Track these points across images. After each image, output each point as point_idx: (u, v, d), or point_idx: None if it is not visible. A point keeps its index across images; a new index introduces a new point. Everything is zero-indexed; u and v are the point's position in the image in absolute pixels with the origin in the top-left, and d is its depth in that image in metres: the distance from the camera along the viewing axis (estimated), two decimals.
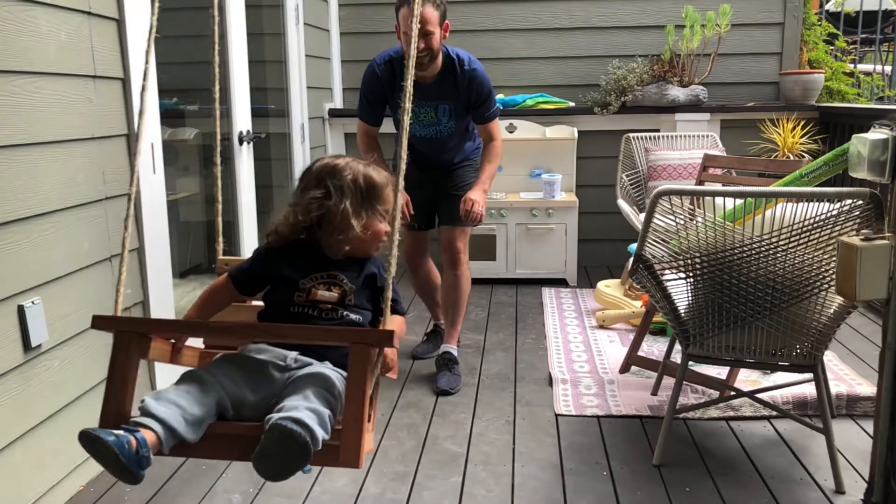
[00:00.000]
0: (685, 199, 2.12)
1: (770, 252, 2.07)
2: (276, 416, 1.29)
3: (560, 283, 4.46)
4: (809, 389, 2.65)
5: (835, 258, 1.94)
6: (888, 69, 6.05)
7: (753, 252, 2.08)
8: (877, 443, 2.00)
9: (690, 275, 2.21)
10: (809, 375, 2.27)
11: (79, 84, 2.21)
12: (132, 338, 1.42)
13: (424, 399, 2.87)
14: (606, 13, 4.80)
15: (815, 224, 2.01)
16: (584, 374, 3.03)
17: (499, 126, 3.04)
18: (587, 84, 4.80)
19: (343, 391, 1.40)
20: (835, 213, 2.00)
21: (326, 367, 1.48)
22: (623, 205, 4.06)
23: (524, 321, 3.81)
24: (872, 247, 1.82)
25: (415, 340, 3.48)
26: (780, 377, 2.82)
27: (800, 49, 4.77)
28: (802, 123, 4.37)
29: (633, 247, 2.36)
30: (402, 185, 1.47)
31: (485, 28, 4.85)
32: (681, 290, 2.26)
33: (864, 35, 5.82)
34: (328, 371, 1.47)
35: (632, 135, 4.34)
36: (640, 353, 2.99)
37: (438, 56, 2.83)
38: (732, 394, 2.63)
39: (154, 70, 2.58)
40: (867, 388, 2.75)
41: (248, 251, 3.34)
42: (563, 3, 4.81)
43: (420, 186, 3.00)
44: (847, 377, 2.91)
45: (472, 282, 3.20)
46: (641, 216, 3.18)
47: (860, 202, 1.97)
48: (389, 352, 1.44)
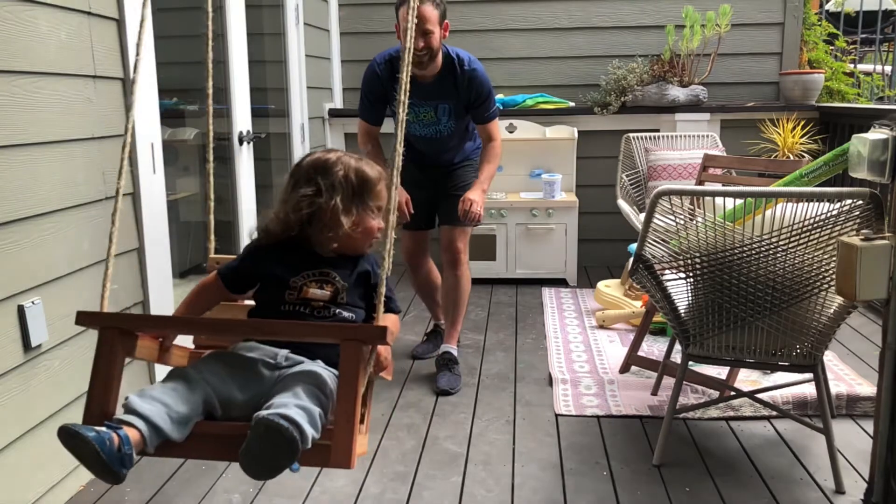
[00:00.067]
0: (685, 199, 2.12)
1: (770, 252, 2.07)
2: (264, 412, 1.25)
3: (560, 283, 4.46)
4: (809, 389, 2.65)
5: (835, 258, 1.94)
6: (888, 69, 6.05)
7: (753, 252, 2.08)
8: (877, 443, 2.00)
9: (690, 275, 2.21)
10: (809, 375, 2.27)
11: (79, 84, 2.21)
12: (117, 334, 1.38)
13: (424, 399, 2.87)
14: (606, 13, 4.80)
15: (815, 224, 2.01)
16: (584, 374, 3.03)
17: (498, 126, 3.04)
18: (587, 84, 4.80)
19: (335, 390, 1.36)
20: (835, 213, 2.00)
21: (318, 366, 1.45)
22: (623, 205, 4.06)
23: (524, 321, 3.81)
24: (872, 247, 1.82)
25: (415, 340, 3.48)
26: (780, 377, 2.82)
27: (800, 49, 4.77)
28: (802, 123, 4.37)
29: (633, 247, 2.36)
30: (399, 180, 1.43)
31: (485, 28, 4.85)
32: (681, 290, 2.26)
33: (864, 35, 5.82)
34: (320, 369, 1.43)
35: (632, 135, 4.34)
36: (640, 353, 2.99)
37: (438, 55, 2.83)
38: (732, 394, 2.63)
39: (155, 69, 2.59)
40: (867, 388, 2.75)
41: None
42: (563, 3, 4.81)
43: (420, 186, 3.01)
44: (847, 377, 2.91)
45: (472, 282, 3.20)
46: (641, 216, 3.18)
47: (860, 202, 1.97)
48: (383, 349, 1.40)
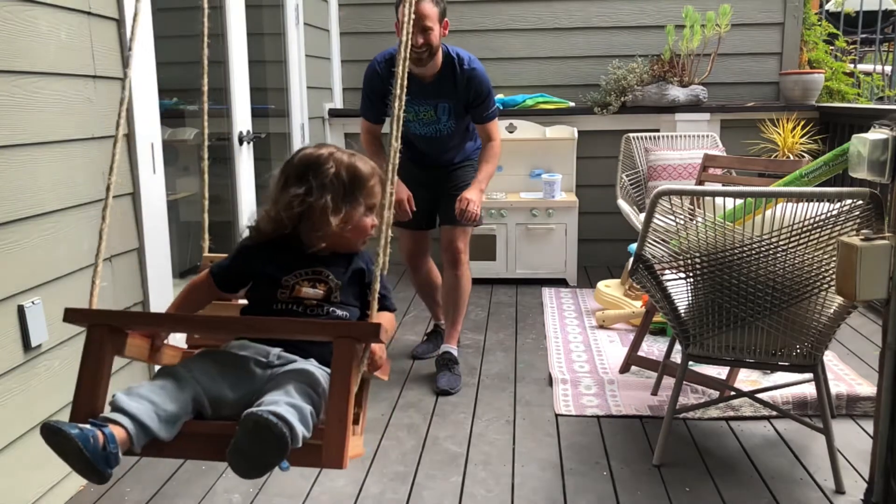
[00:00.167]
0: (685, 199, 2.12)
1: (770, 252, 2.07)
2: (253, 409, 1.23)
3: (560, 283, 4.46)
4: (809, 389, 2.65)
5: (835, 258, 1.94)
6: (888, 69, 6.05)
7: (753, 252, 2.08)
8: (877, 443, 2.00)
9: (690, 275, 2.21)
10: (809, 375, 2.27)
11: (79, 84, 2.21)
12: (106, 332, 1.35)
13: (424, 399, 2.87)
14: (606, 13, 4.80)
15: (815, 224, 2.01)
16: (584, 374, 3.03)
17: (498, 126, 3.04)
18: (587, 84, 4.80)
19: (328, 389, 1.32)
20: (835, 213, 2.00)
21: (311, 365, 1.42)
22: (623, 205, 4.06)
23: (524, 321, 3.81)
24: (872, 247, 1.82)
25: (415, 340, 3.48)
26: (780, 377, 2.82)
27: (800, 49, 4.77)
28: (802, 123, 4.36)
29: (633, 247, 2.36)
30: (396, 177, 1.40)
31: (485, 28, 4.85)
32: (681, 290, 2.26)
33: (864, 35, 5.82)
34: (312, 368, 1.40)
35: (632, 135, 4.34)
36: (640, 353, 2.99)
37: (438, 53, 2.83)
38: (732, 394, 2.63)
39: (155, 69, 2.59)
40: (867, 388, 2.75)
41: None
42: (563, 3, 4.81)
43: (421, 186, 3.01)
44: (847, 377, 2.91)
45: (472, 282, 3.20)
46: (641, 216, 3.18)
47: (860, 202, 1.97)
48: (377, 348, 1.38)
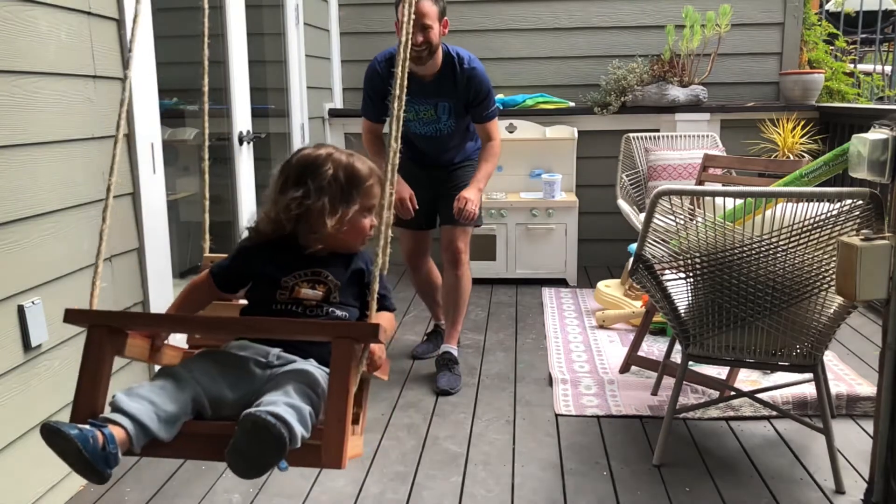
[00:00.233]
0: (685, 199, 2.12)
1: (770, 252, 2.07)
2: (252, 410, 1.23)
3: (560, 283, 4.46)
4: (809, 389, 2.65)
5: (835, 258, 1.94)
6: (888, 69, 6.05)
7: (753, 252, 2.08)
8: (877, 443, 2.00)
9: (690, 275, 2.21)
10: (809, 375, 2.27)
11: (79, 84, 2.21)
12: (106, 332, 1.35)
13: (424, 399, 2.87)
14: (606, 13, 4.80)
15: (815, 224, 2.01)
16: (584, 374, 3.03)
17: (497, 126, 3.04)
18: (587, 84, 4.80)
19: (327, 389, 1.32)
20: (835, 213, 2.00)
21: (310, 365, 1.42)
22: (623, 205, 4.06)
23: (524, 321, 3.81)
24: (872, 247, 1.82)
25: (415, 340, 3.48)
26: (780, 377, 2.82)
27: (800, 49, 4.77)
28: (802, 123, 4.36)
29: (633, 247, 2.36)
30: (396, 177, 1.40)
31: (485, 28, 4.85)
32: (681, 290, 2.26)
33: (864, 35, 5.82)
34: (312, 368, 1.41)
35: (632, 135, 4.34)
36: (640, 353, 2.99)
37: (438, 52, 2.83)
38: (732, 394, 2.63)
39: (155, 69, 2.59)
40: (867, 388, 2.75)
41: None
42: (563, 3, 4.81)
43: (421, 185, 3.01)
44: (847, 377, 2.91)
45: (473, 282, 3.20)
46: (641, 216, 3.18)
47: (860, 202, 1.97)
48: (376, 348, 1.38)
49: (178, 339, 1.69)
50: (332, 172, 1.52)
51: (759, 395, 2.50)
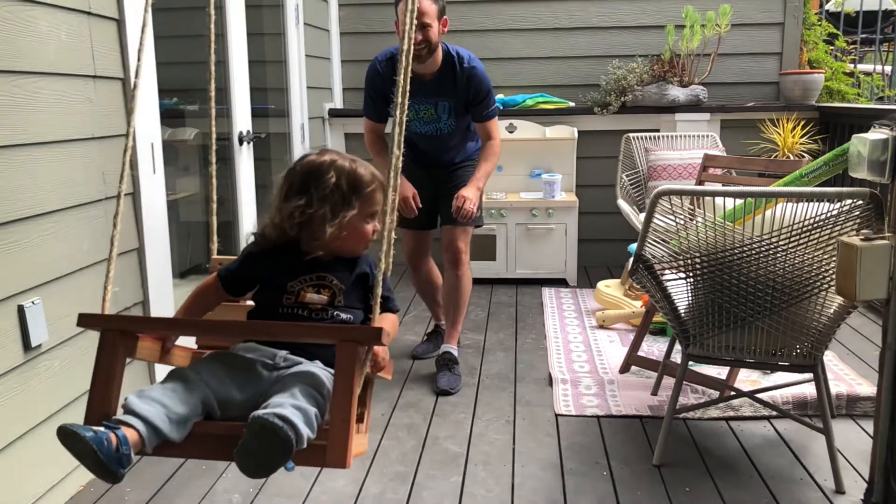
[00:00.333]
0: (685, 199, 2.12)
1: (770, 252, 2.07)
2: (260, 412, 1.27)
3: (560, 283, 4.46)
4: (809, 389, 2.65)
5: (835, 258, 1.94)
6: (888, 69, 6.05)
7: (753, 252, 2.08)
8: (877, 443, 2.00)
9: (690, 275, 2.21)
10: (809, 375, 2.27)
11: (79, 84, 2.21)
12: (118, 336, 1.39)
13: (424, 399, 2.87)
14: (606, 13, 4.80)
15: (815, 224, 2.01)
16: (584, 374, 3.03)
17: (497, 126, 3.04)
18: (587, 84, 4.80)
19: (332, 390, 1.36)
20: (835, 213, 2.00)
21: (316, 367, 1.46)
22: (623, 205, 4.06)
23: (524, 321, 3.81)
24: (872, 247, 1.82)
25: (415, 340, 3.48)
26: (780, 377, 2.82)
27: (800, 49, 4.77)
28: (802, 123, 4.36)
29: (633, 247, 2.36)
30: (399, 181, 1.43)
31: (485, 28, 4.85)
32: (681, 290, 2.26)
33: (864, 35, 5.82)
34: (317, 370, 1.44)
35: (632, 135, 4.34)
36: (640, 353, 2.99)
37: (437, 50, 2.84)
38: (732, 394, 2.63)
39: (155, 69, 2.59)
40: (867, 388, 2.75)
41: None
42: (563, 3, 4.81)
43: (422, 185, 3.01)
44: (847, 377, 2.91)
45: (473, 282, 3.20)
46: (641, 216, 3.18)
47: (860, 202, 1.97)
48: (380, 350, 1.41)
49: (188, 340, 1.71)
50: (335, 181, 1.53)
51: (759, 395, 2.50)
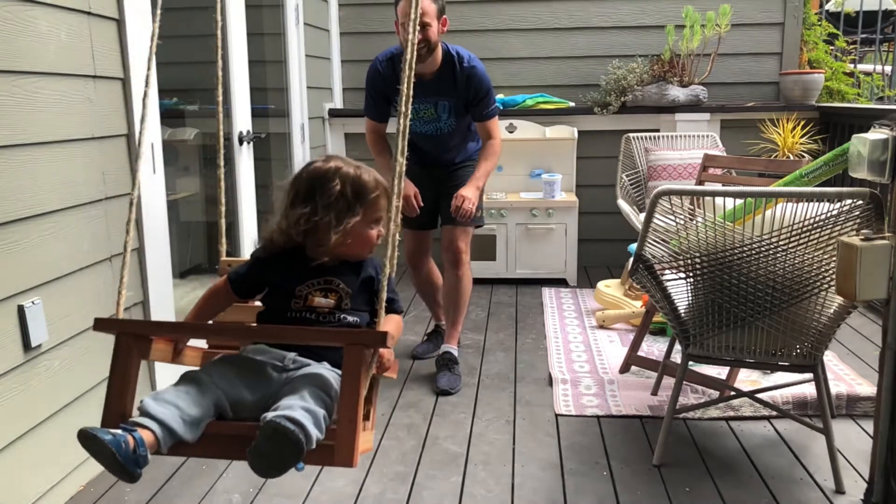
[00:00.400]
0: (685, 199, 2.12)
1: (770, 252, 2.07)
2: (271, 415, 1.31)
3: (560, 283, 4.46)
4: (809, 389, 2.65)
5: (835, 258, 1.94)
6: (888, 69, 6.05)
7: (753, 252, 2.08)
8: (877, 443, 2.00)
9: (690, 275, 2.21)
10: (809, 375, 2.27)
11: (79, 84, 2.21)
12: (132, 339, 1.43)
13: (424, 399, 2.87)
14: (606, 13, 4.80)
15: (815, 224, 2.01)
16: (584, 374, 3.03)
17: (498, 125, 3.04)
18: (587, 84, 4.80)
19: (339, 391, 1.41)
20: (835, 213, 2.00)
21: (324, 368, 1.50)
22: (623, 205, 4.06)
23: (524, 321, 3.81)
24: (872, 247, 1.82)
25: (415, 340, 3.48)
26: (780, 377, 2.82)
27: (800, 49, 4.77)
28: (802, 123, 4.36)
29: (633, 247, 2.36)
30: (401, 187, 1.45)
31: (485, 28, 4.85)
32: (681, 290, 2.26)
33: (864, 35, 5.82)
34: (325, 372, 1.48)
35: (632, 135, 4.34)
36: (640, 353, 2.99)
37: (437, 50, 2.84)
38: (732, 394, 2.63)
39: (155, 69, 2.58)
40: (867, 388, 2.75)
41: (248, 251, 3.34)
42: (563, 3, 4.81)
43: (422, 185, 3.01)
44: (847, 377, 2.91)
45: (473, 282, 3.20)
46: (641, 216, 3.18)
47: (860, 202, 1.97)
48: (385, 352, 1.46)
49: (199, 341, 1.75)
50: (340, 188, 1.56)
51: (759, 395, 2.50)
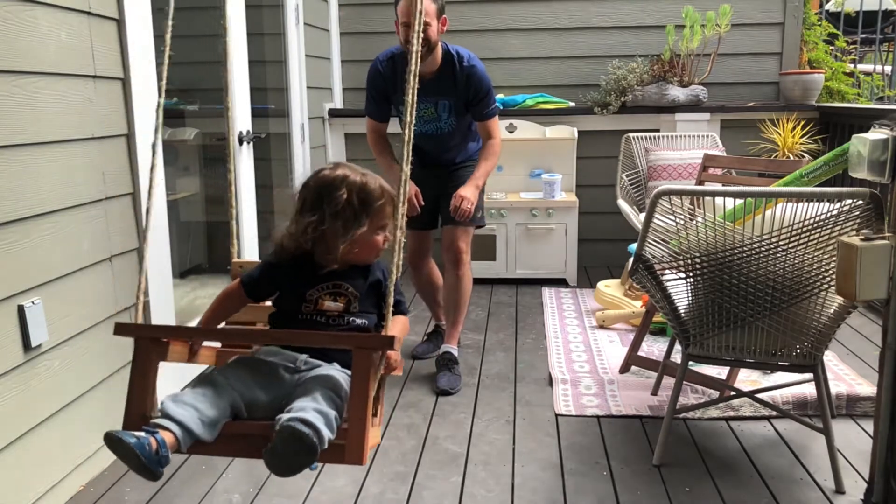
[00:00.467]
0: (685, 199, 2.12)
1: (770, 252, 2.07)
2: (286, 417, 1.37)
3: (560, 283, 4.46)
4: (809, 389, 2.65)
5: (835, 258, 1.94)
6: (888, 69, 6.05)
7: (753, 252, 2.08)
8: (877, 443, 2.00)
9: (690, 275, 2.21)
10: (809, 375, 2.27)
11: (79, 84, 2.21)
12: (151, 343, 1.51)
13: (424, 399, 2.87)
14: (606, 13, 4.80)
15: (815, 224, 2.01)
16: (584, 374, 3.03)
17: (498, 125, 3.05)
18: (587, 84, 4.80)
19: (349, 391, 1.47)
20: (835, 213, 2.00)
21: (334, 369, 1.55)
22: (623, 205, 4.06)
23: (524, 321, 3.81)
24: (872, 247, 1.82)
25: (415, 340, 3.48)
26: (780, 377, 2.82)
27: (800, 49, 4.77)
28: (802, 123, 4.37)
29: (633, 247, 2.36)
30: (408, 175, 1.49)
31: (485, 28, 4.85)
32: (681, 290, 2.26)
33: (864, 35, 5.82)
34: (335, 373, 1.54)
35: (632, 135, 4.34)
36: (640, 353, 2.99)
37: (437, 49, 2.84)
38: (732, 394, 2.63)
39: (155, 69, 2.59)
40: (867, 388, 2.75)
41: (248, 251, 3.34)
42: (563, 3, 4.81)
43: (423, 185, 3.01)
44: (847, 377, 2.91)
45: (473, 282, 3.19)
46: (641, 216, 3.18)
47: (860, 202, 1.97)
48: (392, 354, 1.51)
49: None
50: (346, 197, 1.61)
51: (759, 395, 2.50)
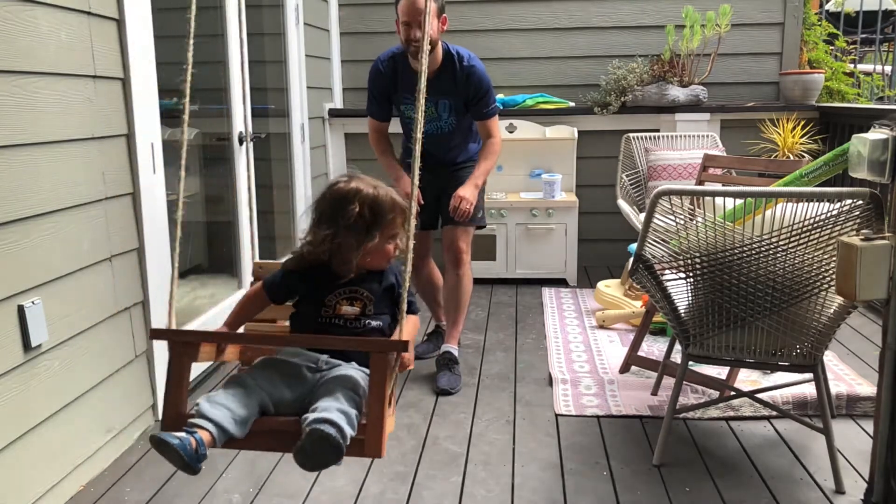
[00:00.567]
0: (685, 199, 2.12)
1: (770, 252, 2.07)
2: (312, 417, 1.49)
3: (560, 283, 4.46)
4: (809, 389, 2.65)
5: (835, 258, 1.94)
6: (888, 69, 6.05)
7: (753, 252, 2.08)
8: (877, 443, 2.00)
9: (690, 275, 2.21)
10: (809, 375, 2.27)
11: (79, 84, 2.21)
12: (183, 346, 1.62)
13: (424, 399, 2.87)
14: (606, 13, 4.80)
15: (815, 224, 2.01)
16: (584, 374, 3.03)
17: (498, 124, 3.05)
18: (587, 84, 4.80)
19: (367, 388, 1.59)
20: (835, 213, 2.00)
21: (352, 369, 1.68)
22: (623, 205, 4.06)
23: (524, 321, 3.81)
24: (872, 247, 1.82)
25: (416, 341, 3.48)
26: (780, 377, 2.82)
27: (800, 49, 4.77)
28: (802, 123, 4.37)
29: (633, 247, 2.36)
30: (414, 203, 1.55)
31: (485, 28, 4.85)
32: (681, 290, 2.26)
33: (864, 35, 5.82)
34: (354, 372, 1.66)
35: (632, 135, 4.34)
36: (640, 353, 2.99)
37: (437, 49, 2.85)
38: (732, 394, 2.63)
39: (155, 69, 2.59)
40: (867, 388, 2.75)
41: (248, 251, 3.34)
42: (563, 3, 4.81)
43: (423, 185, 3.00)
44: (847, 377, 2.91)
45: (473, 282, 3.19)
46: (641, 216, 3.18)
47: (860, 202, 1.97)
48: (405, 354, 1.61)
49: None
50: (359, 210, 1.71)
51: (759, 395, 2.50)
